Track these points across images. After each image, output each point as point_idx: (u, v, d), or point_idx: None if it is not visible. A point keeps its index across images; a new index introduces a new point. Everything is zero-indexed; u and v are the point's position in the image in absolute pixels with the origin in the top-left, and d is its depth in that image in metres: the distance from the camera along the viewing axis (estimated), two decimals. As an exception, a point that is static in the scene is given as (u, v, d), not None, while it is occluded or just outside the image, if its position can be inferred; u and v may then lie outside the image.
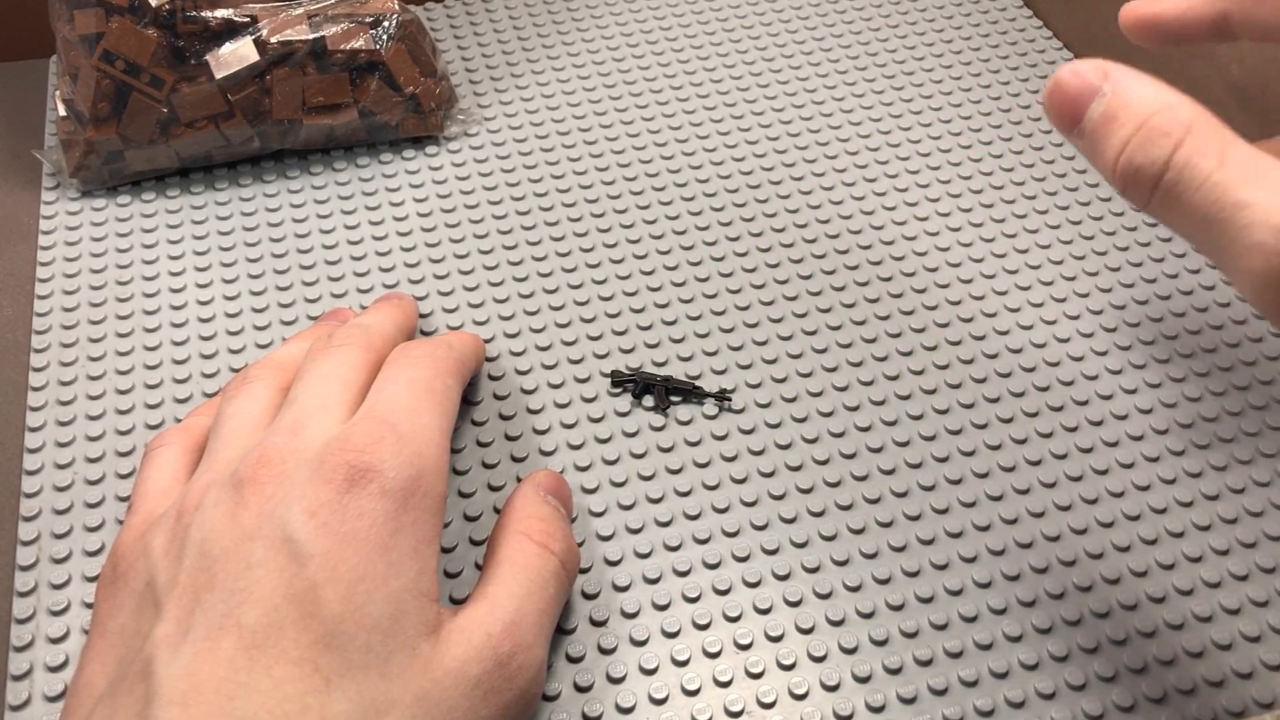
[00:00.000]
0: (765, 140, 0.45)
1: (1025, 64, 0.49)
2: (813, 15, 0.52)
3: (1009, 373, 0.37)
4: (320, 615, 0.24)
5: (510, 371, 0.37)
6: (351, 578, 0.24)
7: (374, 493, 0.25)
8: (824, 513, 0.33)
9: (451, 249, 0.41)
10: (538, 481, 0.31)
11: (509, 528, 0.29)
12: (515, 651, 0.26)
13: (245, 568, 0.24)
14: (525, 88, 0.48)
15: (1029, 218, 0.42)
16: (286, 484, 0.26)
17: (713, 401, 0.36)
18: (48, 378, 0.36)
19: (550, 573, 0.28)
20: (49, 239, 0.41)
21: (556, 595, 0.28)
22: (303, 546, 0.24)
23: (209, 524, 0.26)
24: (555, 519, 0.30)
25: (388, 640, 0.24)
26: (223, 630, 0.24)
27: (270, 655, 0.23)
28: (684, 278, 0.40)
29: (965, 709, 0.29)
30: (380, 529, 0.25)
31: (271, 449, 0.27)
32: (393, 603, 0.25)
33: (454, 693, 0.25)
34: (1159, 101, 0.23)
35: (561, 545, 0.29)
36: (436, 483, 0.27)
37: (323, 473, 0.26)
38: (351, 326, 0.32)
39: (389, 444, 0.26)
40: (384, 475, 0.26)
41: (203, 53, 0.40)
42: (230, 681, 0.23)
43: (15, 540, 0.32)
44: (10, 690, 0.29)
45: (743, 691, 0.29)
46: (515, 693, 0.26)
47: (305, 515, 0.25)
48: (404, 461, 0.26)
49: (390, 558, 0.25)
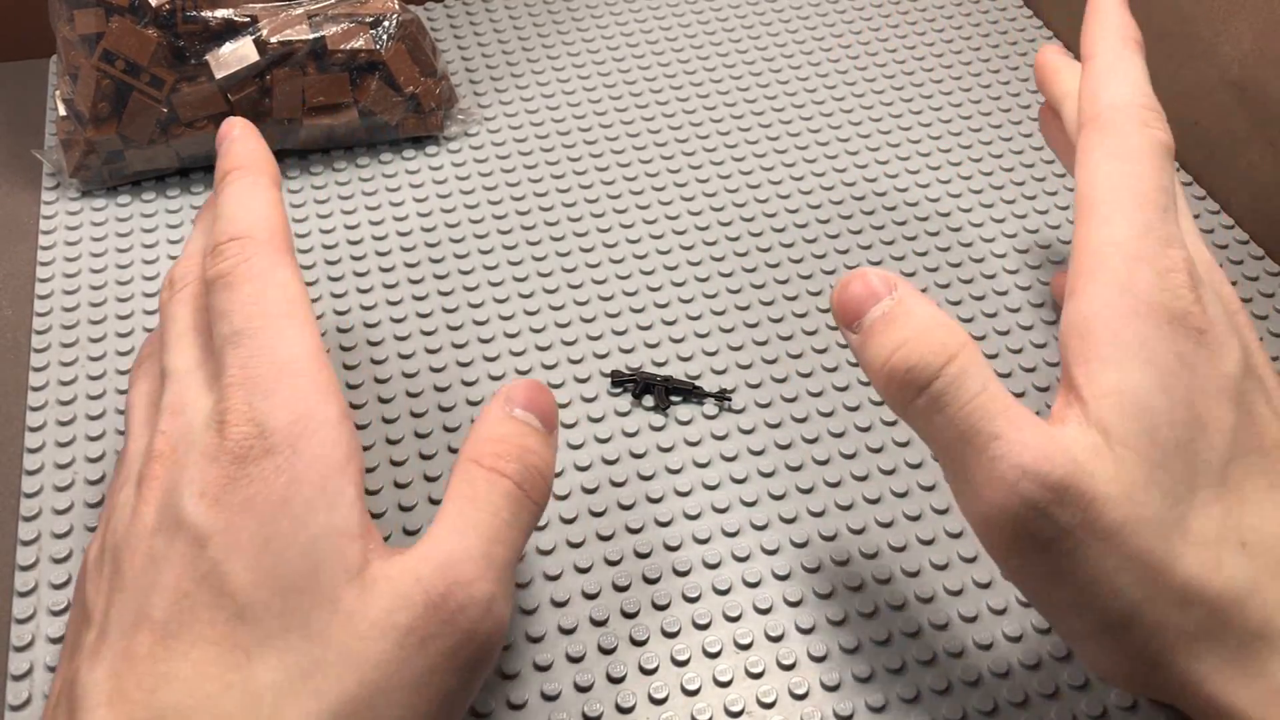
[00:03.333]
0: (765, 140, 0.45)
1: (1025, 64, 0.49)
2: (813, 15, 0.52)
3: (1009, 373, 0.37)
4: (230, 590, 0.23)
5: (510, 371, 0.37)
6: (255, 545, 0.23)
7: (258, 453, 0.24)
8: (824, 513, 0.33)
9: (451, 249, 0.41)
10: (506, 395, 0.27)
11: (460, 456, 0.27)
12: (451, 590, 0.24)
13: (150, 562, 0.24)
14: (525, 88, 0.48)
15: (1029, 218, 0.42)
16: (176, 471, 0.25)
17: (713, 401, 0.36)
18: (48, 378, 0.36)
19: (500, 498, 0.25)
20: (49, 239, 0.41)
21: (511, 521, 0.25)
22: (200, 529, 0.24)
23: (119, 529, 0.25)
24: (514, 437, 0.26)
25: (305, 598, 0.23)
26: (136, 627, 0.23)
27: (185, 641, 0.23)
28: (684, 278, 0.40)
29: (966, 709, 0.29)
30: (274, 485, 0.24)
31: (159, 440, 0.26)
32: (306, 556, 0.24)
33: (382, 644, 0.23)
34: (940, 319, 0.25)
35: (516, 465, 0.26)
36: (322, 409, 0.25)
37: (208, 455, 0.24)
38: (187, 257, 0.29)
39: (257, 402, 0.25)
40: (263, 435, 0.24)
41: (203, 53, 0.40)
42: (150, 675, 0.23)
43: (15, 540, 0.32)
44: (10, 690, 0.29)
45: (743, 691, 0.29)
46: (460, 635, 0.24)
47: (197, 497, 0.24)
48: (278, 409, 0.24)
49: (293, 510, 0.24)
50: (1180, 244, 0.26)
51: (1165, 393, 0.25)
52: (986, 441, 0.24)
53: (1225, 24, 0.42)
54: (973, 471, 0.24)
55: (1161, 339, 0.25)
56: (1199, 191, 0.43)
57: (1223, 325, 0.26)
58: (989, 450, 0.24)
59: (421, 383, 0.36)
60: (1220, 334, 0.26)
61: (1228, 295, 0.27)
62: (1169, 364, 0.25)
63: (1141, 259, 0.26)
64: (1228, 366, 0.25)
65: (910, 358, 0.25)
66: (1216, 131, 0.43)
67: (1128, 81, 0.29)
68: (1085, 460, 0.24)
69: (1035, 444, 0.24)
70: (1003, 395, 0.25)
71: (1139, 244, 0.26)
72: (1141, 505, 0.24)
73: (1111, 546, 0.24)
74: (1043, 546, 0.24)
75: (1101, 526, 0.24)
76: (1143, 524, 0.24)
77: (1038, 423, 0.24)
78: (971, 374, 0.25)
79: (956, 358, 0.25)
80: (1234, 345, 0.26)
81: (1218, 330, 0.26)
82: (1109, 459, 0.24)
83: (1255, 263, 0.41)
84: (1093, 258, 0.26)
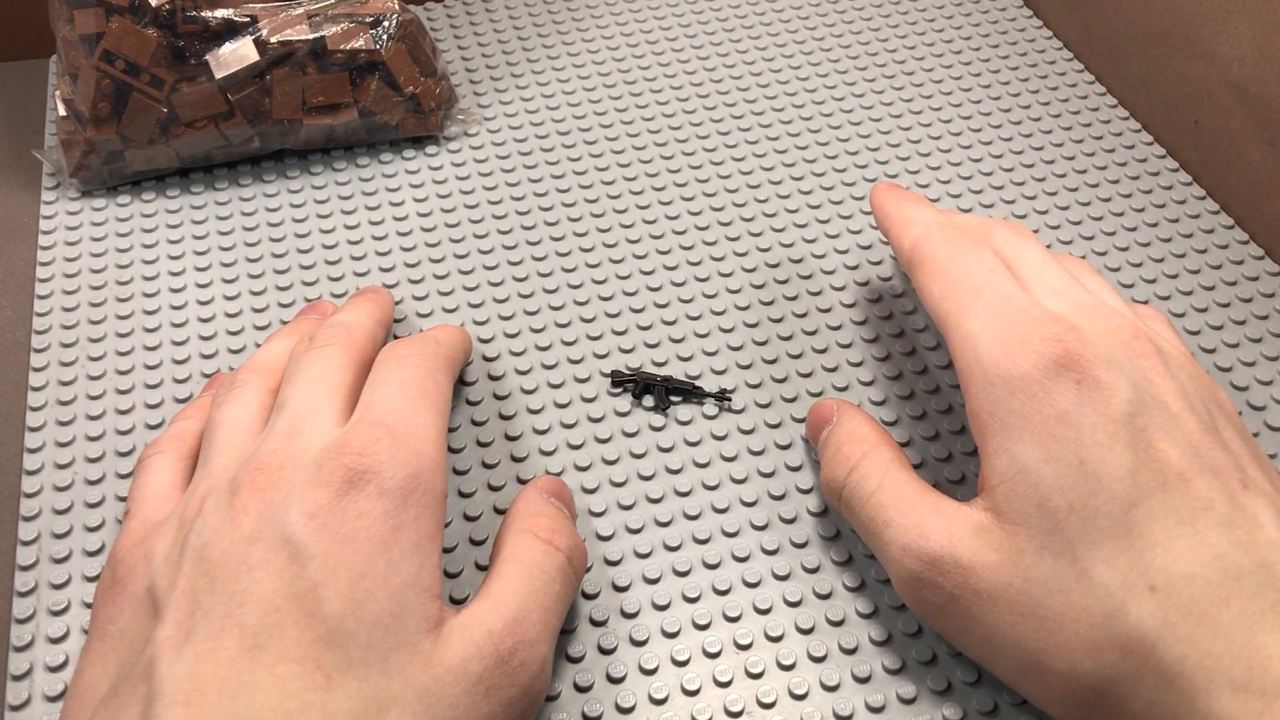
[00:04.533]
0: (765, 140, 0.45)
1: (1025, 64, 0.49)
2: (813, 15, 0.52)
3: (1009, 373, 0.37)
4: (321, 614, 0.24)
5: (510, 371, 0.37)
6: (352, 576, 0.25)
7: (372, 493, 0.26)
8: (824, 513, 0.33)
9: (451, 249, 0.41)
10: (540, 485, 0.31)
11: (514, 526, 0.29)
12: (517, 648, 0.26)
13: (245, 570, 0.25)
14: (525, 88, 0.48)
15: (1029, 218, 0.42)
16: (285, 488, 0.26)
17: (713, 401, 0.36)
18: (48, 378, 0.36)
19: (555, 569, 0.28)
20: (49, 239, 0.41)
21: (562, 592, 0.28)
22: (303, 548, 0.25)
23: (208, 529, 0.26)
24: (560, 517, 0.30)
25: (389, 637, 0.24)
26: (224, 631, 0.24)
27: (272, 654, 0.23)
28: (684, 278, 0.40)
29: (966, 709, 0.29)
30: (380, 528, 0.25)
31: (268, 454, 0.27)
32: (394, 600, 0.25)
33: (455, 689, 0.25)
34: (853, 434, 0.31)
35: (567, 542, 0.29)
36: (435, 479, 0.27)
37: (321, 476, 0.26)
38: (332, 326, 0.32)
39: (385, 445, 0.26)
40: (382, 476, 0.26)
41: (203, 53, 0.40)
42: (232, 681, 0.23)
43: (15, 540, 0.32)
44: (10, 690, 0.29)
45: (743, 691, 0.29)
46: (518, 689, 0.26)
47: (304, 517, 0.25)
48: (401, 461, 0.26)
49: (391, 555, 0.25)
50: (1032, 305, 0.28)
51: (1052, 461, 0.26)
52: (881, 529, 0.28)
53: (1225, 24, 0.42)
54: (879, 553, 0.29)
55: (1038, 408, 0.27)
56: (1199, 191, 0.43)
57: (1106, 364, 0.27)
58: (883, 536, 0.28)
59: (421, 383, 0.36)
60: (1101, 374, 0.26)
61: (1116, 329, 0.28)
62: (1050, 430, 0.26)
63: (998, 340, 0.28)
64: (1115, 408, 0.26)
65: (826, 472, 0.31)
66: (1216, 131, 0.43)
67: (916, 223, 0.33)
68: (965, 535, 0.27)
69: (916, 524, 0.28)
70: (897, 487, 0.29)
71: (991, 328, 0.28)
72: (1029, 568, 0.26)
73: (1000, 605, 0.26)
74: (937, 608, 0.27)
75: (983, 589, 0.26)
76: (1032, 584, 0.26)
77: (928, 505, 0.28)
78: (869, 476, 0.29)
79: (856, 467, 0.30)
80: (1121, 384, 0.26)
81: (1098, 371, 0.26)
82: (995, 532, 0.27)
83: (1255, 263, 0.41)
84: (961, 360, 0.29)
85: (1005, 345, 0.27)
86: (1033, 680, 0.27)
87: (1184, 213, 0.42)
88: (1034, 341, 0.27)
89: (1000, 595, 0.26)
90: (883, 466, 0.29)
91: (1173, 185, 0.44)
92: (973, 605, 0.27)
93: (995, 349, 0.28)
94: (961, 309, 0.29)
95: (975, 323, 0.28)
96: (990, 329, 0.28)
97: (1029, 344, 0.27)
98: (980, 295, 0.29)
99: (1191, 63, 0.44)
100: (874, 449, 0.30)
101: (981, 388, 0.28)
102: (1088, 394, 0.26)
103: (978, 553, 0.27)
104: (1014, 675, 0.27)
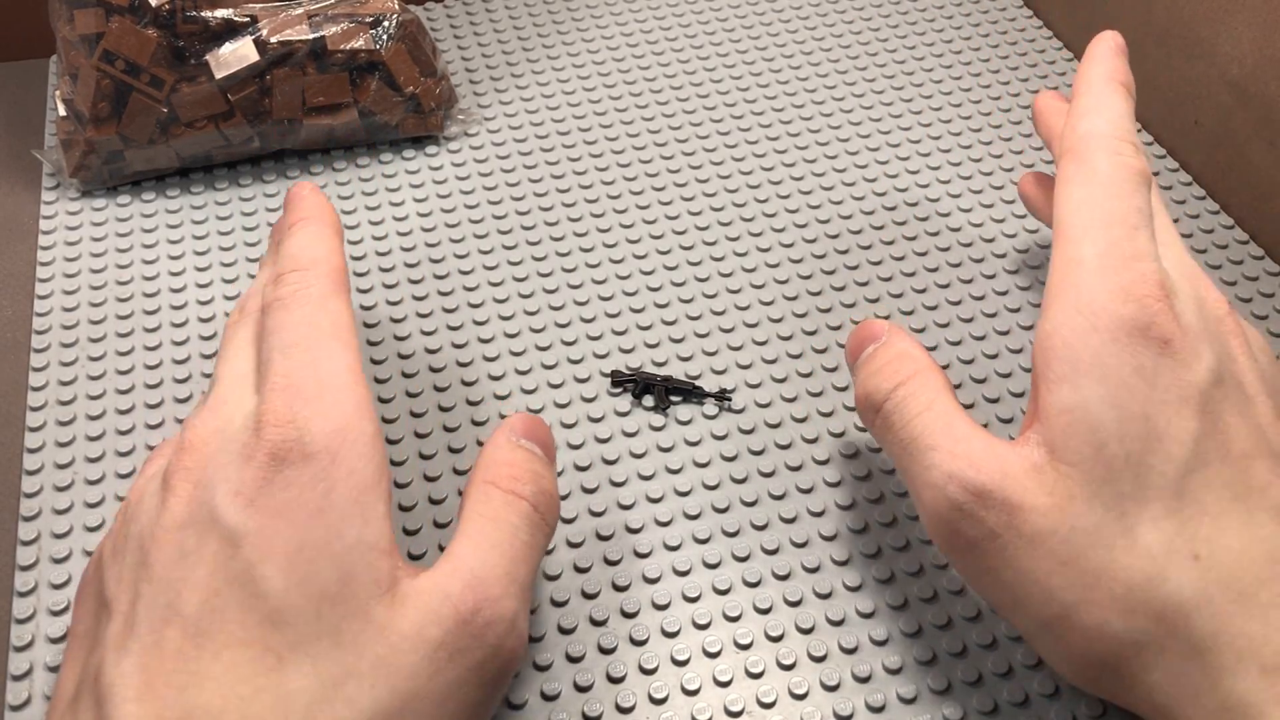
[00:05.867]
0: (765, 140, 0.45)
1: (1025, 64, 0.49)
2: (813, 15, 0.52)
3: (1009, 373, 0.37)
4: (262, 593, 0.23)
5: (510, 371, 0.37)
6: (289, 550, 0.24)
7: (296, 459, 0.25)
8: (824, 513, 0.33)
9: (451, 249, 0.41)
10: (510, 426, 0.29)
11: (475, 478, 0.28)
12: (480, 606, 0.25)
13: (179, 557, 0.24)
14: (525, 88, 0.48)
15: (1029, 218, 0.42)
16: (210, 468, 0.25)
17: (713, 401, 0.36)
18: (48, 378, 0.36)
19: (519, 518, 0.27)
20: (49, 239, 0.41)
21: (530, 541, 0.27)
22: (234, 528, 0.24)
23: (143, 519, 0.25)
24: (525, 462, 0.28)
25: (338, 607, 0.24)
26: (166, 622, 0.23)
27: (217, 641, 0.23)
28: (684, 278, 0.40)
29: (966, 709, 0.29)
30: (311, 493, 0.24)
31: (193, 434, 0.26)
32: (339, 567, 0.24)
33: (413, 656, 0.24)
34: (904, 352, 0.29)
35: (531, 488, 0.27)
36: (360, 424, 0.26)
37: (244, 453, 0.25)
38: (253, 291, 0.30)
39: (299, 408, 0.25)
40: (302, 440, 0.25)
41: (203, 53, 0.40)
42: (181, 672, 0.23)
43: (15, 540, 0.32)
44: (10, 690, 0.29)
45: (743, 691, 0.29)
46: (487, 650, 0.25)
47: (231, 496, 0.24)
48: (319, 418, 0.25)
49: (328, 520, 0.24)
50: (1150, 257, 0.27)
51: (1117, 408, 0.25)
52: (924, 452, 0.27)
53: (1225, 24, 0.42)
54: (914, 478, 0.28)
55: (1117, 353, 0.26)
56: (1199, 191, 0.43)
57: (1195, 335, 0.26)
58: (925, 459, 0.27)
59: (421, 383, 0.36)
60: (1190, 343, 0.26)
61: (1212, 304, 0.28)
62: (1124, 378, 0.26)
63: (1104, 275, 0.27)
64: (1195, 375, 0.26)
65: (869, 384, 0.29)
66: (1216, 131, 0.43)
67: (1105, 116, 0.30)
68: (1019, 473, 0.26)
69: (966, 454, 0.26)
70: (948, 414, 0.27)
71: (1102, 261, 0.27)
72: (1078, 516, 0.25)
73: (1041, 551, 0.25)
74: (971, 544, 0.26)
75: (1027, 531, 0.25)
76: (1077, 533, 0.25)
77: (980, 438, 0.27)
78: (918, 395, 0.28)
79: (905, 383, 0.28)
80: (1205, 354, 0.26)
81: (1188, 339, 0.26)
82: (1048, 473, 0.26)
83: (1255, 263, 0.41)
84: (1058, 278, 0.28)
85: (1110, 286, 0.26)
86: (1053, 633, 0.26)
87: (1184, 213, 0.42)
88: (1138, 293, 0.26)
89: (1044, 541, 0.25)
90: (934, 389, 0.28)
91: (1173, 185, 0.44)
92: (1011, 546, 0.26)
93: (1098, 284, 0.27)
94: (1087, 229, 0.28)
95: (1092, 249, 0.27)
96: (1104, 262, 0.27)
97: (1133, 293, 0.26)
98: (1112, 226, 0.27)
99: (1191, 63, 0.44)
100: (926, 370, 0.29)
101: (1069, 315, 0.27)
102: (1171, 356, 0.26)
103: (1029, 493, 0.26)
104: (1034, 627, 0.26)
